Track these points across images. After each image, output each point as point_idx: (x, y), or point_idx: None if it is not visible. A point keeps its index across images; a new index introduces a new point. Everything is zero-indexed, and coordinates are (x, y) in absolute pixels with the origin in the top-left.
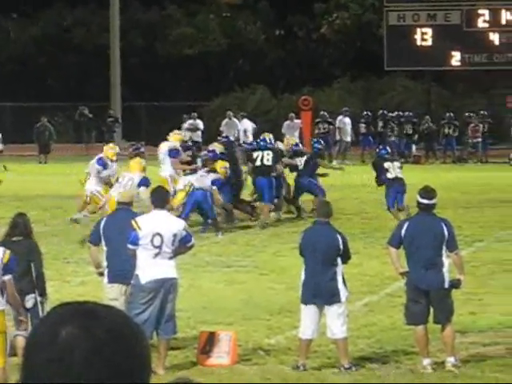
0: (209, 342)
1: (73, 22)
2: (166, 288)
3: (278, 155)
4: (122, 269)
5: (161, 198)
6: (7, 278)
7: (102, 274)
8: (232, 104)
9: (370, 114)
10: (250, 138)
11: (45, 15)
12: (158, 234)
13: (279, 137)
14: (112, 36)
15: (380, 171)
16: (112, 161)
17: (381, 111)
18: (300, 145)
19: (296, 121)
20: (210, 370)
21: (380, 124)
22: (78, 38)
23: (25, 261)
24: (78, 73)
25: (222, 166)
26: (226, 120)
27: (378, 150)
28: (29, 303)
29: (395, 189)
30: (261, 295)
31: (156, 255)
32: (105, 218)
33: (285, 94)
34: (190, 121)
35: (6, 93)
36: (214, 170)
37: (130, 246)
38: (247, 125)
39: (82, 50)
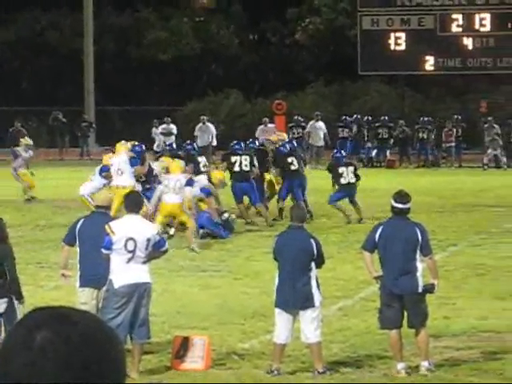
0: (183, 347)
1: (46, 25)
2: (139, 292)
3: (252, 159)
4: (94, 273)
5: (134, 202)
6: None
7: (63, 276)
8: (206, 109)
9: (348, 118)
10: (214, 143)
11: (18, 18)
12: (132, 239)
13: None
14: (86, 40)
15: (335, 175)
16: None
17: (355, 116)
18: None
19: (270, 125)
20: (184, 375)
21: (354, 128)
22: (52, 42)
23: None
24: (52, 77)
25: (218, 176)
26: (200, 125)
27: (332, 154)
28: (1, 308)
29: (346, 193)
30: (235, 300)
31: (129, 260)
32: (82, 220)
33: (259, 99)
34: (164, 125)
35: None
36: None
37: (103, 251)
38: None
39: (56, 54)
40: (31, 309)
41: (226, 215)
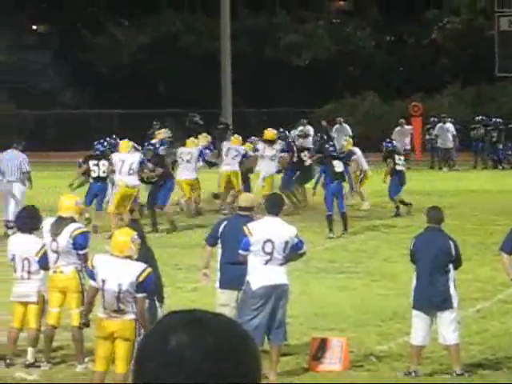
0: (321, 349)
1: (182, 28)
2: (277, 294)
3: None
4: (235, 275)
5: (275, 204)
6: (140, 295)
7: (205, 275)
8: (342, 110)
9: (484, 118)
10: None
11: (154, 22)
12: (270, 241)
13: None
14: (223, 42)
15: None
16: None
17: (494, 119)
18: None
19: (406, 127)
20: (321, 376)
21: (482, 130)
22: (188, 44)
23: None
24: (189, 79)
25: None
26: (337, 126)
27: (385, 144)
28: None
29: (400, 181)
30: (372, 301)
31: (267, 262)
32: (225, 222)
33: (396, 101)
34: (300, 127)
35: (115, 100)
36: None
37: (241, 252)
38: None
39: (192, 56)
40: (168, 311)
41: None
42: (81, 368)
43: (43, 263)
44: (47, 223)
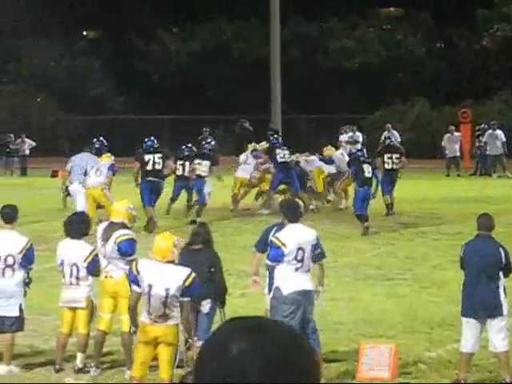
0: (369, 355)
1: (232, 35)
2: (307, 300)
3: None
4: None
5: (297, 212)
6: (186, 299)
7: (255, 282)
8: (393, 116)
9: None
10: None
11: (204, 29)
12: (301, 249)
13: (439, 149)
14: (273, 49)
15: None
16: None
17: None
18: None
19: (456, 134)
20: None
21: None
22: (237, 51)
23: (206, 268)
24: (238, 86)
25: None
26: (386, 132)
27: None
28: (205, 308)
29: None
30: (421, 308)
31: (297, 269)
32: (274, 228)
33: (445, 106)
34: (350, 133)
35: (165, 106)
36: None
37: (269, 263)
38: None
39: (242, 63)
40: (229, 318)
41: None
42: (129, 374)
43: (91, 269)
44: (101, 228)
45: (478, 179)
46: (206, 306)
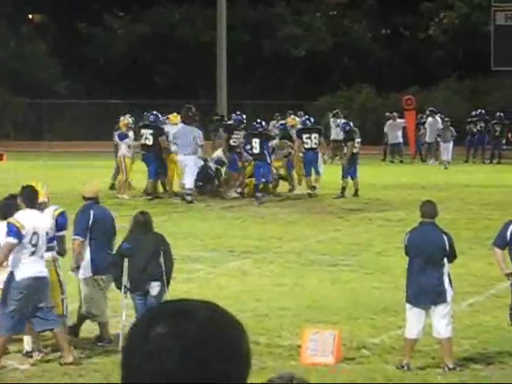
0: (313, 340)
1: (179, 19)
2: (41, 285)
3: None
4: None
5: (30, 197)
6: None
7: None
8: (338, 102)
9: (483, 112)
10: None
11: (151, 13)
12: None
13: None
14: (219, 33)
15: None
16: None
17: (498, 113)
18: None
19: (399, 120)
20: (313, 369)
21: (481, 124)
22: (185, 36)
23: (154, 249)
24: (185, 70)
25: None
26: (332, 118)
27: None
28: (153, 291)
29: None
30: (365, 294)
31: (32, 253)
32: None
33: (391, 93)
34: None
35: (115, 90)
36: None
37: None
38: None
39: (189, 47)
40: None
41: None
42: None
43: None
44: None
45: (421, 166)
46: (154, 288)
